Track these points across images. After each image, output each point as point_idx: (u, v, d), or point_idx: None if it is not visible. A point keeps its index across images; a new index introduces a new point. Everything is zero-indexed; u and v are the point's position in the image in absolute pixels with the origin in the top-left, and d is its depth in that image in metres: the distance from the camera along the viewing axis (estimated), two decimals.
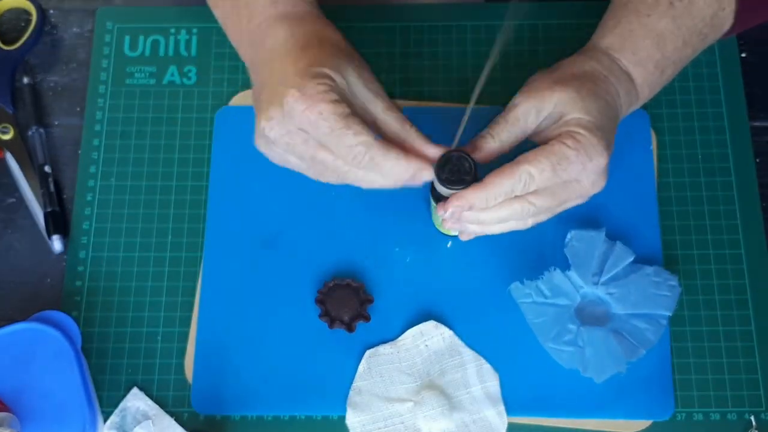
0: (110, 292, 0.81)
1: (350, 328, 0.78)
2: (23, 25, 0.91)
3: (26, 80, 0.88)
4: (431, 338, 0.78)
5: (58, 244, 0.82)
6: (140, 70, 0.88)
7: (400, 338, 0.78)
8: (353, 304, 0.78)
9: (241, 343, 0.78)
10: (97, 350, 0.79)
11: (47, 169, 0.85)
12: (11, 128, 0.86)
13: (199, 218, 0.83)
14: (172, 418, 0.77)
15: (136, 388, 0.77)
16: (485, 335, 0.78)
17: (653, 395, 0.76)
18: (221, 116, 0.86)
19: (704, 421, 0.76)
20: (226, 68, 0.88)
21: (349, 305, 0.78)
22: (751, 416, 0.76)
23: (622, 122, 0.75)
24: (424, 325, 0.78)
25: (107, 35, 0.90)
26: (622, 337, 0.75)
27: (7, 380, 0.75)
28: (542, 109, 0.71)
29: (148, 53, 0.89)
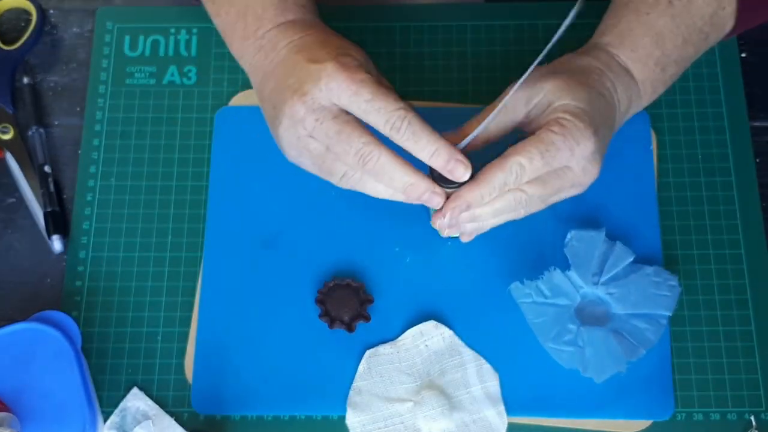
0: (110, 292, 0.81)
1: (350, 328, 0.78)
2: (23, 25, 0.91)
3: (26, 80, 0.88)
4: (431, 338, 0.78)
5: (58, 244, 0.82)
6: (140, 70, 0.88)
7: (400, 338, 0.78)
8: (353, 304, 0.78)
9: (241, 343, 0.78)
10: (97, 350, 0.79)
11: (47, 169, 0.84)
12: (11, 128, 0.86)
13: (199, 218, 0.83)
14: (172, 418, 0.77)
15: (136, 388, 0.77)
16: (485, 335, 0.78)
17: (653, 395, 0.76)
18: (221, 116, 0.86)
19: (704, 421, 0.76)
20: (226, 68, 0.88)
21: (349, 305, 0.78)
22: (751, 416, 0.76)
23: None
24: (424, 325, 0.78)
25: (107, 35, 0.90)
26: (622, 337, 0.75)
27: (7, 380, 0.74)
28: (531, 98, 0.71)
29: (148, 53, 0.89)
